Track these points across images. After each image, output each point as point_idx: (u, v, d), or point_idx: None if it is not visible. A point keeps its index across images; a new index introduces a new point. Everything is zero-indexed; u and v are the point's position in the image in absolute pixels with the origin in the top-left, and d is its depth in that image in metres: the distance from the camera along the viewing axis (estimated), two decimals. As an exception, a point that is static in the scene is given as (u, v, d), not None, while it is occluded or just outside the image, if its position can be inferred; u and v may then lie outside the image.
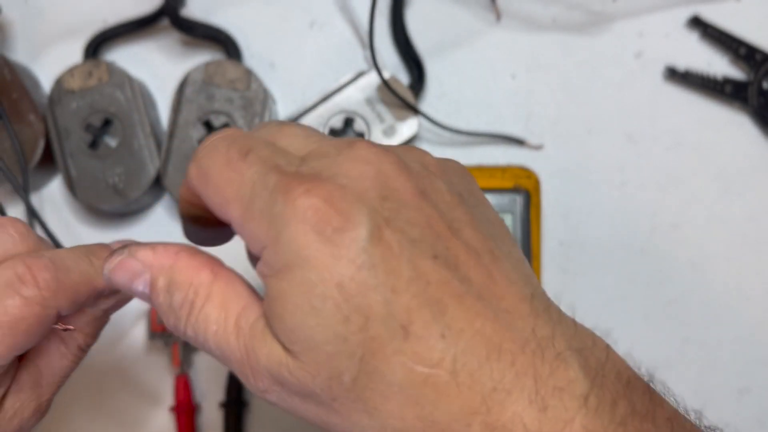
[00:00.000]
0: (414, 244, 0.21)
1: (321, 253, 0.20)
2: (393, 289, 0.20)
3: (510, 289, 0.21)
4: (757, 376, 0.41)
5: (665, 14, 0.43)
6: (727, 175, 0.42)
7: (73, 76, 0.41)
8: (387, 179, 0.21)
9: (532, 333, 0.21)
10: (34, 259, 0.25)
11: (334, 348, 0.20)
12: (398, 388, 0.20)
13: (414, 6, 0.43)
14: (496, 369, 0.20)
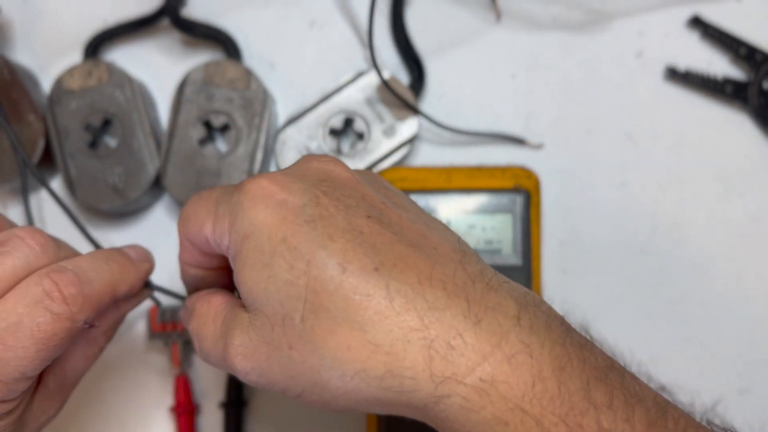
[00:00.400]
0: (348, 207, 0.24)
1: (268, 218, 0.24)
2: (330, 237, 0.23)
3: (442, 242, 0.24)
4: (757, 376, 0.41)
5: (666, 14, 0.43)
6: (727, 175, 0.42)
7: (73, 76, 0.40)
8: (326, 170, 0.26)
9: (463, 269, 0.23)
10: (59, 274, 0.26)
11: (285, 293, 0.23)
12: (341, 319, 0.22)
13: (414, 6, 0.43)
14: (429, 292, 0.22)
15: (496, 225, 0.37)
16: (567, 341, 0.22)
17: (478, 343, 0.21)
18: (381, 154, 0.40)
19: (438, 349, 0.21)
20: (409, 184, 0.38)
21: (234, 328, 0.25)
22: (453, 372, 0.21)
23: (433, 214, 0.38)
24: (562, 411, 0.21)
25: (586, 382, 0.21)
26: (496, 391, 0.21)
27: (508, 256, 0.37)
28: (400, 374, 0.22)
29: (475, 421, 0.21)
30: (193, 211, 0.27)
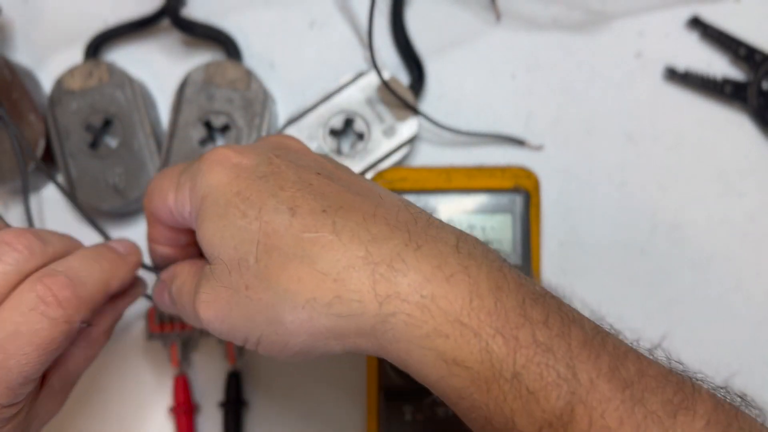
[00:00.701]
0: (300, 165, 0.26)
1: (224, 177, 0.26)
2: (281, 187, 0.25)
3: (390, 197, 0.26)
4: (757, 376, 0.41)
5: (665, 14, 0.43)
6: (726, 175, 0.42)
7: (74, 76, 0.41)
8: (282, 141, 0.29)
9: (406, 209, 0.25)
10: (52, 278, 0.26)
11: (239, 239, 0.25)
12: (292, 255, 0.24)
13: (414, 6, 0.43)
14: (373, 226, 0.24)
15: (496, 225, 0.37)
16: (504, 267, 0.24)
17: (418, 265, 0.23)
18: (381, 155, 0.40)
19: (382, 272, 0.23)
20: (409, 184, 0.38)
21: (200, 280, 0.26)
22: (396, 291, 0.23)
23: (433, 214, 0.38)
24: (499, 324, 0.22)
25: (522, 300, 0.23)
26: (436, 306, 0.23)
27: (508, 256, 0.37)
28: (347, 298, 0.23)
29: (419, 336, 0.23)
30: (156, 184, 0.29)
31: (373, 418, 0.38)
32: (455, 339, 0.22)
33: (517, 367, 0.22)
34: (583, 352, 0.22)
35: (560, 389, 0.22)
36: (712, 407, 0.23)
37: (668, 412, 0.22)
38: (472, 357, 0.22)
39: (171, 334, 0.40)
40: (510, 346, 0.22)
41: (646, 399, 0.22)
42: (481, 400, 0.22)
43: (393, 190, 0.38)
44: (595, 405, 0.22)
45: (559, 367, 0.22)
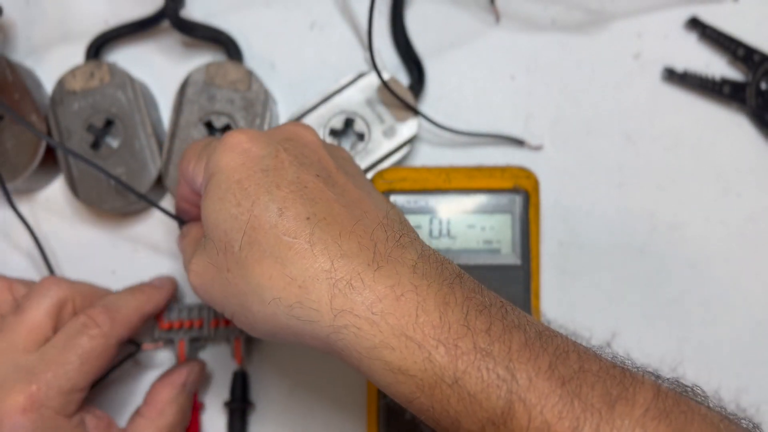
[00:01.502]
0: (303, 164, 0.28)
1: (232, 162, 0.28)
2: (277, 185, 0.27)
3: (375, 211, 0.28)
4: (755, 376, 0.41)
5: (664, 15, 0.43)
6: (725, 175, 0.42)
7: (75, 77, 0.41)
8: (296, 131, 0.30)
9: (382, 229, 0.27)
10: (92, 309, 0.35)
11: (230, 225, 0.27)
12: (269, 253, 0.26)
13: (414, 7, 0.43)
14: (345, 244, 0.26)
15: (496, 225, 0.38)
16: (455, 284, 0.26)
17: (374, 285, 0.25)
18: (381, 155, 0.40)
19: (340, 287, 0.25)
20: (409, 184, 0.39)
21: (196, 250, 0.30)
22: (350, 307, 0.25)
23: (432, 214, 0.38)
24: (442, 336, 0.24)
25: (466, 313, 0.25)
26: (384, 322, 0.25)
27: (507, 256, 0.37)
28: (307, 306, 0.26)
29: (367, 347, 0.25)
30: (188, 149, 0.33)
31: (373, 418, 0.38)
32: (400, 350, 0.24)
33: (458, 373, 0.24)
34: (523, 354, 0.24)
35: (500, 390, 0.24)
36: (653, 396, 0.24)
37: (607, 404, 0.23)
38: (416, 366, 0.24)
39: (179, 331, 0.40)
40: (451, 354, 0.24)
41: (584, 393, 0.23)
42: (427, 403, 0.24)
43: (393, 190, 0.38)
44: (534, 402, 0.23)
45: (498, 369, 0.24)
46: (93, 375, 0.34)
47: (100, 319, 0.34)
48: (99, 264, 0.42)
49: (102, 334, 0.34)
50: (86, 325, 0.34)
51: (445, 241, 0.38)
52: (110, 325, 0.34)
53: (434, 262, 0.27)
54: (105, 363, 0.34)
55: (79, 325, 0.34)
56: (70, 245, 0.43)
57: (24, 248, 0.43)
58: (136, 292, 0.37)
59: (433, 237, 0.38)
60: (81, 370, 0.33)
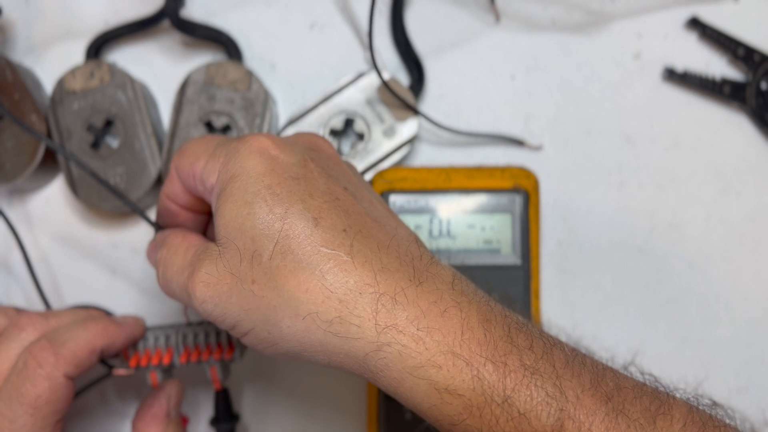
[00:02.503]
0: (330, 175, 0.27)
1: (260, 166, 0.27)
2: (310, 194, 0.26)
3: (403, 229, 0.28)
4: (755, 376, 0.41)
5: (664, 15, 0.43)
6: (725, 175, 0.42)
7: (75, 77, 0.41)
8: (316, 143, 0.30)
9: (416, 246, 0.27)
10: (34, 345, 0.31)
11: (259, 231, 0.25)
12: (306, 264, 0.25)
13: (414, 7, 0.43)
14: (385, 256, 0.25)
15: (496, 225, 0.38)
16: (491, 302, 0.26)
17: (417, 300, 0.24)
18: (381, 155, 0.40)
19: (384, 303, 0.24)
20: (409, 184, 0.39)
21: (204, 258, 0.27)
22: (395, 322, 0.24)
23: (433, 214, 0.38)
24: (489, 352, 0.24)
25: (508, 330, 0.25)
26: (430, 338, 0.24)
27: (507, 256, 0.37)
28: (348, 321, 0.24)
29: (412, 366, 0.24)
30: (192, 146, 0.30)
31: (373, 418, 0.38)
32: (448, 369, 0.24)
33: (507, 391, 0.23)
34: (567, 371, 0.24)
35: (550, 407, 0.23)
36: (687, 411, 0.24)
37: (648, 419, 0.23)
38: (464, 385, 0.23)
39: (148, 367, 0.36)
40: (500, 372, 0.23)
41: (627, 409, 0.24)
42: (474, 425, 0.24)
43: (393, 190, 0.38)
44: (583, 419, 0.23)
45: (546, 386, 0.23)
46: (53, 418, 0.31)
47: (41, 356, 0.30)
48: (99, 264, 0.42)
49: (45, 375, 0.30)
50: (27, 366, 0.30)
51: (445, 241, 0.38)
52: (53, 362, 0.30)
53: (467, 281, 0.27)
54: (61, 403, 0.31)
55: (21, 366, 0.31)
56: (70, 245, 0.43)
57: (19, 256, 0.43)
58: (90, 324, 0.33)
59: (433, 237, 0.38)
60: (35, 422, 0.30)
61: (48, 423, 0.30)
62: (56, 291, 0.42)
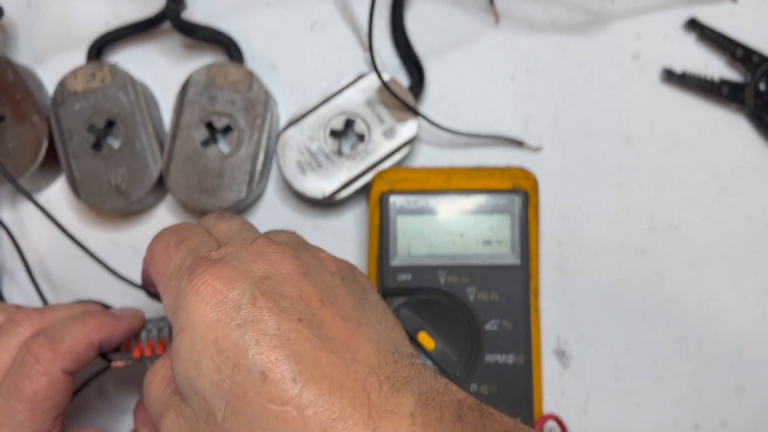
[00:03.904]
0: (283, 309, 0.26)
1: (205, 318, 0.25)
2: (257, 343, 0.24)
3: (364, 345, 0.26)
4: (753, 375, 0.41)
5: (663, 16, 0.43)
6: (723, 175, 0.42)
7: (76, 77, 0.41)
8: (272, 264, 0.27)
9: (374, 374, 0.25)
10: (32, 341, 0.31)
11: (210, 393, 0.25)
12: (256, 424, 0.24)
13: (413, 8, 0.43)
14: (337, 402, 0.24)
15: (495, 225, 0.38)
16: (457, 428, 0.24)
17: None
18: (381, 155, 0.41)
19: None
20: (409, 184, 0.39)
21: (169, 407, 0.27)
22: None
23: (432, 214, 0.38)
24: None
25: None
26: None
27: (507, 256, 0.37)
28: None
29: None
30: (155, 260, 0.30)
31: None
32: None
33: None
34: None
35: None
36: None
37: None
38: None
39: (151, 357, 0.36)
40: None
41: None
42: None
43: (393, 190, 0.38)
44: None
45: None
46: (52, 413, 0.31)
47: (38, 351, 0.31)
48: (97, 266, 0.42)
49: (43, 371, 0.31)
50: (25, 362, 0.31)
51: (445, 242, 0.38)
52: (51, 357, 0.31)
53: (433, 402, 0.25)
54: (60, 398, 0.31)
55: (19, 362, 0.31)
56: (71, 245, 0.43)
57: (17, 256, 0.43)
58: (88, 319, 0.33)
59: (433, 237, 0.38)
60: (34, 417, 0.30)
61: (47, 418, 0.31)
62: (57, 291, 0.42)
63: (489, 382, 0.36)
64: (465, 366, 0.36)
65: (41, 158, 0.41)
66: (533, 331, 0.37)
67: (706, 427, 0.41)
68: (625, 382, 0.41)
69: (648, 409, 0.41)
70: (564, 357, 0.41)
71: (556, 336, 0.41)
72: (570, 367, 0.41)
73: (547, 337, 0.41)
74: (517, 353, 0.36)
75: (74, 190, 0.40)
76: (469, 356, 0.37)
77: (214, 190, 0.40)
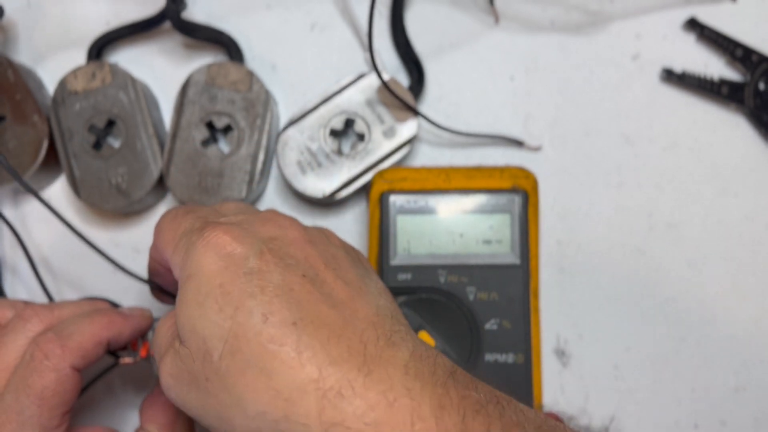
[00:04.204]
0: (288, 265, 0.27)
1: (213, 265, 0.26)
2: (262, 289, 0.25)
3: (363, 307, 0.27)
4: (753, 375, 0.41)
5: (662, 16, 0.43)
6: (723, 175, 0.42)
7: (77, 77, 0.41)
8: (280, 228, 0.28)
9: (372, 329, 0.26)
10: (41, 337, 0.32)
11: (209, 332, 0.25)
12: (253, 364, 0.24)
13: (413, 8, 0.43)
14: (334, 349, 0.24)
15: (495, 225, 0.38)
16: (449, 383, 0.24)
17: (365, 392, 0.23)
18: (381, 155, 0.41)
19: (330, 398, 0.23)
20: (409, 184, 0.39)
21: (168, 350, 0.28)
22: (341, 419, 0.23)
23: (432, 214, 0.38)
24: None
25: (463, 415, 0.24)
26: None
27: (507, 256, 0.38)
28: (294, 420, 0.24)
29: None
30: (164, 230, 0.31)
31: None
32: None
33: None
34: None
35: None
36: None
37: None
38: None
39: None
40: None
41: None
42: None
43: (393, 190, 0.38)
44: None
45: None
46: (60, 409, 0.31)
47: (47, 348, 0.31)
48: (101, 264, 0.42)
49: (52, 366, 0.31)
50: (34, 358, 0.31)
51: (445, 242, 0.38)
52: (60, 354, 0.31)
53: (426, 358, 0.25)
54: (68, 394, 0.32)
55: (28, 358, 0.31)
56: (71, 245, 0.43)
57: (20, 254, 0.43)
58: (97, 316, 0.34)
59: (433, 237, 0.38)
60: (42, 413, 0.31)
61: (55, 414, 0.31)
62: (58, 291, 0.43)
63: (489, 381, 0.36)
64: (465, 365, 0.36)
65: (42, 158, 0.41)
66: (533, 331, 0.37)
67: (706, 427, 0.41)
68: (624, 382, 0.41)
69: (647, 409, 0.41)
70: (564, 356, 0.41)
71: (556, 335, 0.41)
72: (570, 366, 0.41)
73: (547, 336, 0.41)
74: (517, 352, 0.36)
75: (75, 189, 0.41)
76: (469, 355, 0.37)
77: (214, 190, 0.40)
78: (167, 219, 0.31)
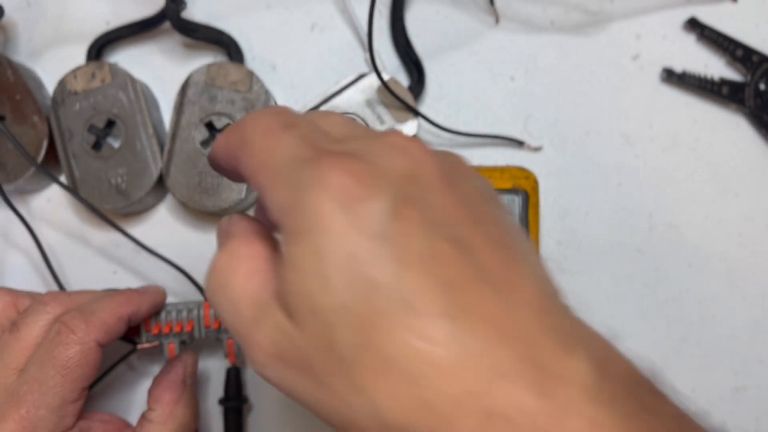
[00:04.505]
0: (432, 224, 0.20)
1: (337, 222, 0.20)
2: (403, 263, 0.19)
3: (524, 282, 0.21)
4: (753, 375, 0.41)
5: (662, 16, 0.43)
6: (723, 175, 0.42)
7: (76, 77, 0.41)
8: (416, 164, 0.21)
9: (540, 323, 0.20)
10: (66, 316, 0.33)
11: (336, 317, 0.19)
12: (395, 364, 0.19)
13: (413, 8, 0.43)
14: (500, 354, 0.19)
15: (495, 225, 0.38)
16: (632, 413, 0.19)
17: (540, 419, 0.18)
18: (381, 155, 0.41)
19: (495, 422, 0.18)
20: (409, 184, 0.39)
21: (267, 319, 0.21)
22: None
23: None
24: None
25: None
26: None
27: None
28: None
29: None
30: (255, 147, 0.23)
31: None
32: None
33: None
34: None
35: None
36: None
37: None
38: None
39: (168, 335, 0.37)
40: None
41: None
42: None
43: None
44: None
45: None
46: (81, 383, 0.32)
47: (73, 323, 0.32)
48: (100, 264, 0.42)
49: (77, 340, 0.32)
50: (60, 333, 0.32)
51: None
52: (85, 329, 0.32)
53: (606, 369, 0.20)
54: (90, 368, 0.33)
55: (53, 334, 0.32)
56: (71, 245, 0.43)
57: (24, 250, 0.43)
58: (115, 295, 0.35)
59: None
60: (65, 384, 0.32)
61: (76, 387, 0.32)
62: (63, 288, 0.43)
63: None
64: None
65: (41, 158, 0.41)
66: (533, 331, 0.37)
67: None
68: (624, 382, 0.41)
69: (648, 409, 0.41)
70: (564, 357, 0.41)
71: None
72: (570, 366, 0.41)
73: (547, 336, 0.41)
74: (517, 353, 0.36)
75: (75, 190, 0.40)
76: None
77: (214, 190, 0.40)
78: (257, 130, 0.23)
